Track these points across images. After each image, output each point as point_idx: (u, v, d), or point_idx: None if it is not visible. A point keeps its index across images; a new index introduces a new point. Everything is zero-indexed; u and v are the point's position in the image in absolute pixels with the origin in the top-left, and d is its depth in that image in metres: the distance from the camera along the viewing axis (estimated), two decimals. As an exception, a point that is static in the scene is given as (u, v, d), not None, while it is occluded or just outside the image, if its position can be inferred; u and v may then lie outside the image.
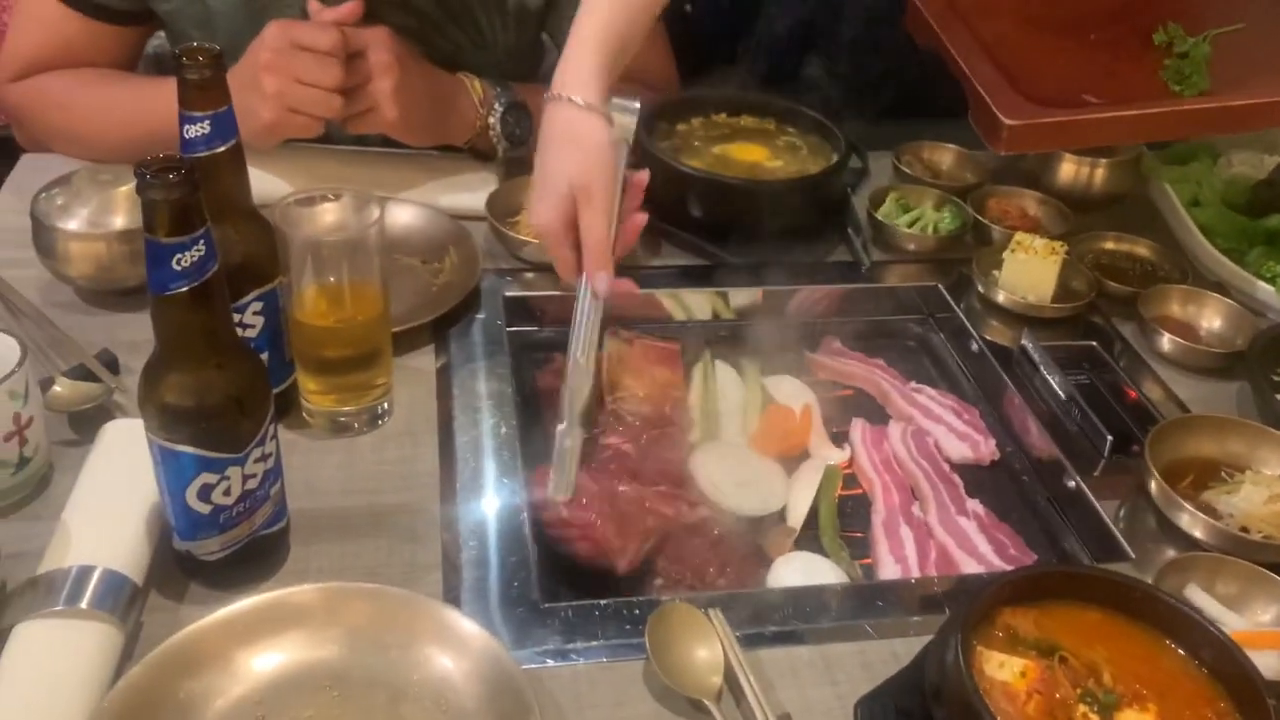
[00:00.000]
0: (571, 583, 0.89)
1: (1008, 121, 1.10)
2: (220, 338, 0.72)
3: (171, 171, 0.64)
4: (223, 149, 0.80)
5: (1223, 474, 0.96)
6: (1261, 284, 1.19)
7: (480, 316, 1.10)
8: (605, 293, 0.89)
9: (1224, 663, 0.70)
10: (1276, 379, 1.08)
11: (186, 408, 0.71)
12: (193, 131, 0.78)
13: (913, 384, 1.14)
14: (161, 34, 1.33)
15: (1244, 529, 0.90)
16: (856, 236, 1.27)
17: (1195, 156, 1.35)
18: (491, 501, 0.90)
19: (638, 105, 0.91)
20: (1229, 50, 1.21)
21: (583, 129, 0.89)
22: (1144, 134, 1.26)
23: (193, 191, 0.65)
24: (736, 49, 1.88)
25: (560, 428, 0.88)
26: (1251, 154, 1.36)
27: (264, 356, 0.88)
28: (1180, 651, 0.72)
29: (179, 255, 0.66)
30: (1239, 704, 0.69)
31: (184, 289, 0.67)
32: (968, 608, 0.70)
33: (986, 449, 1.06)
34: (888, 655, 0.79)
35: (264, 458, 0.75)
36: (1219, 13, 1.24)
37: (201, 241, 0.67)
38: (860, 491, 1.03)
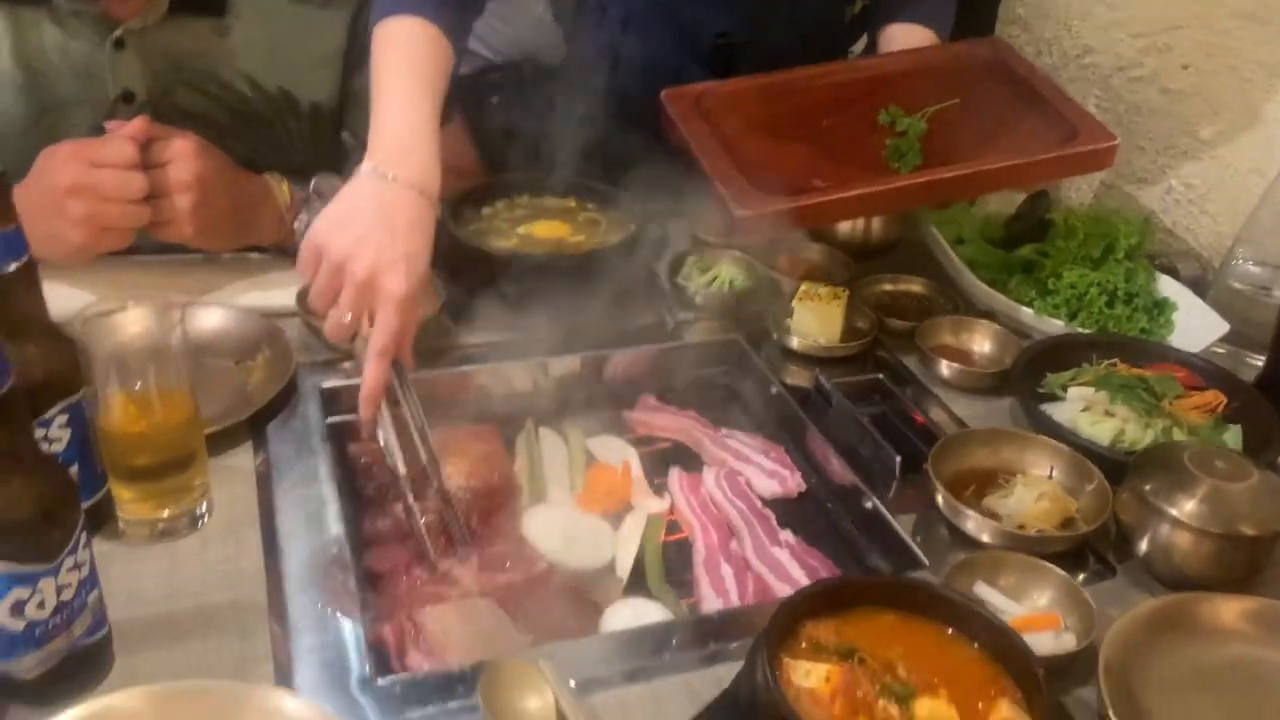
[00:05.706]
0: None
1: (739, 212, 1.17)
2: (21, 453, 0.72)
3: (-45, 295, 0.65)
4: (13, 268, 0.80)
5: (1000, 480, 1.06)
6: (1023, 308, 1.32)
7: (299, 410, 1.12)
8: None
9: (1002, 645, 0.79)
10: (1040, 390, 1.20)
11: (-9, 524, 0.71)
12: (-20, 252, 0.79)
13: (723, 430, 1.22)
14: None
15: (1021, 526, 1.00)
16: (661, 300, 1.35)
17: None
18: (319, 587, 0.91)
19: None
20: (944, 126, 1.30)
21: (430, 224, 1.03)
22: (865, 211, 1.35)
23: (-23, 313, 0.66)
24: (539, 135, 1.96)
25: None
26: (1001, 193, 1.51)
27: (74, 469, 0.87)
28: (965, 641, 0.80)
29: (-31, 376, 0.66)
30: (1016, 679, 0.77)
31: (-22, 408, 0.67)
32: (770, 625, 0.76)
33: (794, 483, 1.13)
34: (712, 682, 0.83)
35: (78, 566, 0.75)
36: (938, 91, 1.33)
37: (-8, 360, 0.67)
38: (683, 536, 1.08)
